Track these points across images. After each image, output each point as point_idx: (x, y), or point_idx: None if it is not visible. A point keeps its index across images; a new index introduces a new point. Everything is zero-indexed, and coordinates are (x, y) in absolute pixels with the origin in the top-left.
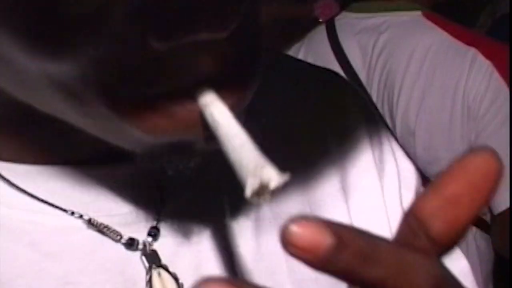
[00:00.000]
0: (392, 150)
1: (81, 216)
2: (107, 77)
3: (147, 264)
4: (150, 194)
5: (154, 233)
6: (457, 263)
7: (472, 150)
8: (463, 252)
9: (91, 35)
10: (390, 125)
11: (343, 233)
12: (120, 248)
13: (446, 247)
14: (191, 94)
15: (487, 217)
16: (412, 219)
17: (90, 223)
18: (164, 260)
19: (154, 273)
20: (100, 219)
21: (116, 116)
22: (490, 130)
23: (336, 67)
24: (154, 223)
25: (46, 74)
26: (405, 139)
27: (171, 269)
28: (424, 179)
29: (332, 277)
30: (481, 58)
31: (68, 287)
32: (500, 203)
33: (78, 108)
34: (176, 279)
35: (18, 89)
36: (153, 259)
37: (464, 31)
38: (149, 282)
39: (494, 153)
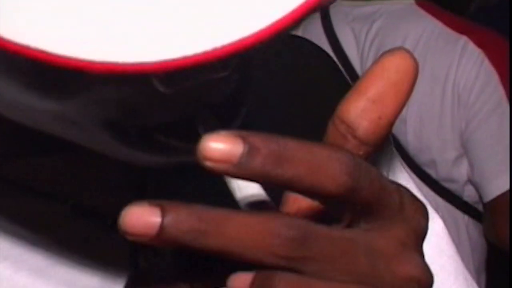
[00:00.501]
0: None
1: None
2: (114, 114)
3: (132, 245)
4: (131, 178)
5: None
6: (431, 225)
7: (388, 51)
8: (454, 242)
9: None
10: None
11: (253, 139)
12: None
13: (373, 146)
14: (193, 122)
15: (479, 207)
16: (339, 122)
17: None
18: None
19: (140, 253)
20: (86, 201)
21: (123, 145)
22: (480, 117)
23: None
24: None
25: (48, 108)
26: (397, 126)
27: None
28: (415, 166)
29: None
30: (472, 46)
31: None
32: (491, 191)
33: (80, 135)
34: (163, 257)
35: (5, 109)
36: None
37: (456, 19)
38: (134, 263)
39: (409, 52)
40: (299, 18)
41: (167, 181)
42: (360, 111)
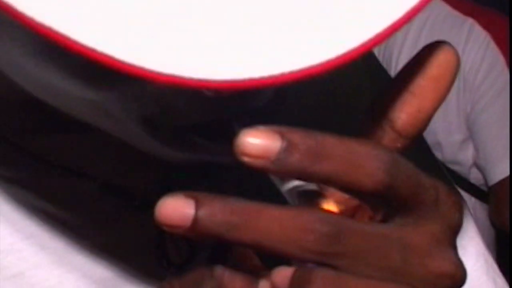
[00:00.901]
0: None
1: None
2: (150, 110)
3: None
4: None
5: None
6: None
7: (431, 44)
8: None
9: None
10: None
11: (292, 135)
12: (132, 210)
13: (411, 138)
14: (230, 122)
15: (486, 189)
16: (377, 114)
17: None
18: None
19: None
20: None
21: (156, 141)
22: (486, 100)
23: None
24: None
25: (85, 96)
26: None
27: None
28: None
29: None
30: (478, 28)
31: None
32: (495, 174)
33: (112, 126)
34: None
35: (39, 91)
36: None
37: (462, 2)
38: (162, 243)
39: (452, 47)
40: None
41: (196, 167)
42: (399, 103)
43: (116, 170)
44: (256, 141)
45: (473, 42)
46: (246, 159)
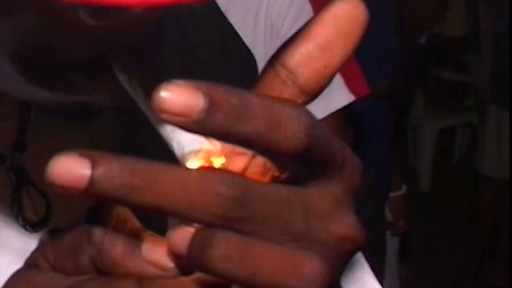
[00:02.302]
0: None
1: None
2: (25, 45)
3: (15, 180)
4: (15, 108)
5: (21, 147)
6: None
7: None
8: None
9: (14, 5)
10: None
11: (215, 93)
12: None
13: (313, 95)
14: (107, 61)
15: None
16: (280, 67)
17: None
18: (32, 176)
19: (23, 190)
20: None
21: (28, 82)
22: None
23: None
24: (21, 137)
25: None
26: None
27: (39, 186)
28: None
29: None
30: None
31: None
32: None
33: None
34: (44, 195)
35: None
36: (20, 175)
37: None
38: (18, 200)
39: (360, 1)
40: None
41: (53, 119)
42: (305, 58)
43: None
44: (177, 97)
45: None
46: (164, 116)
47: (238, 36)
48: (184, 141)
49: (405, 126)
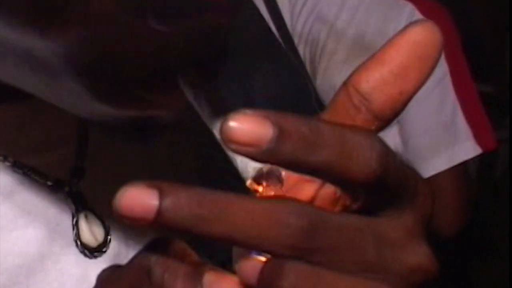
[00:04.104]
0: None
1: (5, 158)
2: (92, 59)
3: (73, 207)
4: (73, 131)
5: (79, 173)
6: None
7: (416, 22)
8: None
9: (81, 14)
10: (310, 73)
11: (284, 122)
12: (45, 190)
13: (387, 121)
14: (175, 75)
15: None
16: (353, 92)
17: (15, 165)
18: (91, 202)
19: (81, 216)
20: (26, 160)
21: (92, 97)
22: (421, 92)
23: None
24: (80, 163)
25: (21, 44)
26: (326, 93)
27: (97, 211)
28: None
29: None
30: (418, 14)
31: None
32: (427, 170)
33: (46, 84)
34: (102, 221)
35: None
36: (79, 201)
37: None
38: (76, 225)
39: (435, 24)
40: None
41: (111, 142)
42: (380, 83)
43: (28, 148)
44: (246, 127)
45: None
46: (233, 146)
47: (288, 56)
48: (248, 163)
49: None
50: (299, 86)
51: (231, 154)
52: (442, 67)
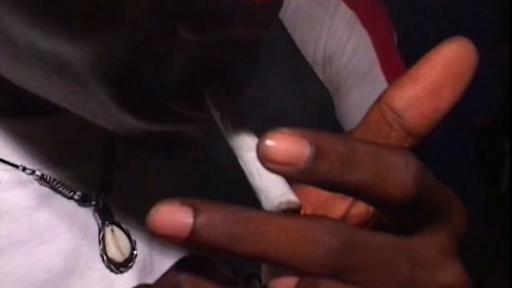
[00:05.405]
0: None
1: (33, 172)
2: (122, 68)
3: (100, 221)
4: (101, 145)
5: (106, 186)
6: None
7: (450, 40)
8: None
9: (113, 21)
10: None
11: (321, 141)
12: (72, 204)
13: (421, 140)
14: (202, 89)
15: None
16: (387, 109)
17: (43, 178)
18: (117, 216)
19: (107, 230)
20: (53, 174)
21: (119, 107)
22: (351, 81)
23: None
24: (107, 177)
25: (50, 50)
26: None
27: (124, 225)
28: None
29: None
30: (344, 7)
31: (14, 247)
32: None
33: (73, 92)
34: (129, 236)
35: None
36: (105, 215)
37: None
38: (102, 239)
39: (471, 43)
40: None
41: (137, 155)
42: (414, 101)
43: (55, 161)
44: (283, 146)
45: (338, 21)
46: (270, 165)
47: (313, 73)
48: (271, 195)
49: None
50: (321, 101)
51: (255, 187)
52: (370, 56)
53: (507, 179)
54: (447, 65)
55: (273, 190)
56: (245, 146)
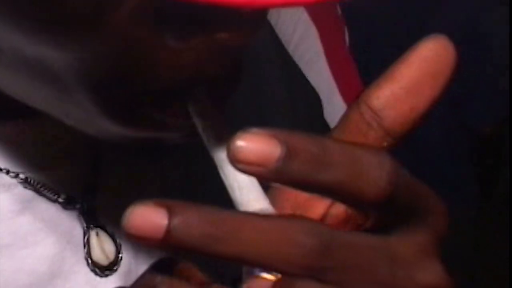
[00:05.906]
0: None
1: (17, 175)
2: (105, 74)
3: (84, 224)
4: (86, 148)
5: (91, 190)
6: None
7: (428, 38)
8: None
9: (97, 27)
10: None
11: (292, 141)
12: (56, 207)
13: (399, 139)
14: (185, 97)
15: None
16: (365, 108)
17: (27, 181)
18: (102, 219)
19: (92, 233)
20: (37, 177)
21: (102, 113)
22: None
23: None
24: (91, 180)
25: (35, 54)
26: None
27: (109, 228)
28: None
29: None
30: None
31: None
32: None
33: (56, 98)
34: (114, 239)
35: None
36: (90, 218)
37: None
38: (87, 243)
39: (450, 42)
40: None
41: (123, 158)
42: (391, 99)
43: (39, 164)
44: (253, 147)
45: (284, 12)
46: (241, 166)
47: (303, 74)
48: (251, 210)
49: None
50: (310, 100)
51: (233, 197)
52: (315, 47)
53: (507, 179)
54: (424, 64)
55: (253, 204)
56: (226, 158)
